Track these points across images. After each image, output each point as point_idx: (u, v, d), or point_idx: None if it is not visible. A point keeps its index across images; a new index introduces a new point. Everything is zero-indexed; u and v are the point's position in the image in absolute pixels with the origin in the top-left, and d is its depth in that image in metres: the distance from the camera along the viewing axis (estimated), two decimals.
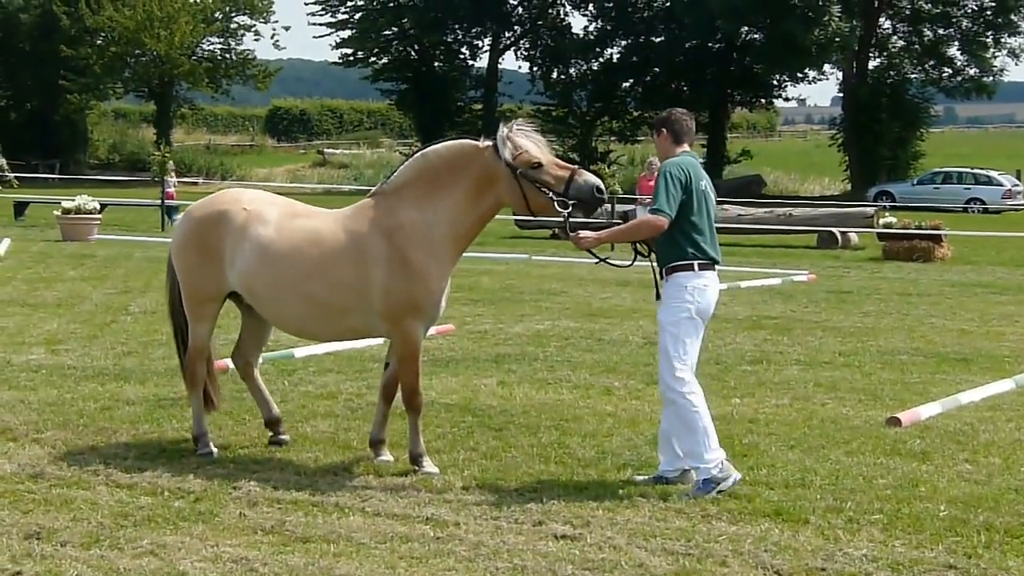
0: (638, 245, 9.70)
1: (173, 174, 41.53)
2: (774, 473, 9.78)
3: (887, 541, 8.12)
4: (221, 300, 10.31)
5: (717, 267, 9.52)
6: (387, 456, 9.99)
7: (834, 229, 35.70)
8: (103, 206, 35.08)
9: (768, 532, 8.26)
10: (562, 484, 9.43)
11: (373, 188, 10.38)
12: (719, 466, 9.14)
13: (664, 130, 9.61)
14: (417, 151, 10.11)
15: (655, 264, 9.64)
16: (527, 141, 9.53)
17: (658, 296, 9.70)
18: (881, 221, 34.65)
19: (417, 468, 9.65)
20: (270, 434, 10.62)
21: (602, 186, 9.52)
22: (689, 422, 9.24)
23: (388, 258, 9.54)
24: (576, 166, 9.62)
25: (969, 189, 58.82)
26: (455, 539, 8.02)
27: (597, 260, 9.90)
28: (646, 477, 9.53)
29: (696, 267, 9.31)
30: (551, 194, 9.37)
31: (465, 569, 7.50)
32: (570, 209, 9.37)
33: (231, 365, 13.80)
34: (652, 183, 29.01)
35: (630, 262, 10.02)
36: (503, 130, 9.55)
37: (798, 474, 9.75)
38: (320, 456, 10.13)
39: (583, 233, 9.46)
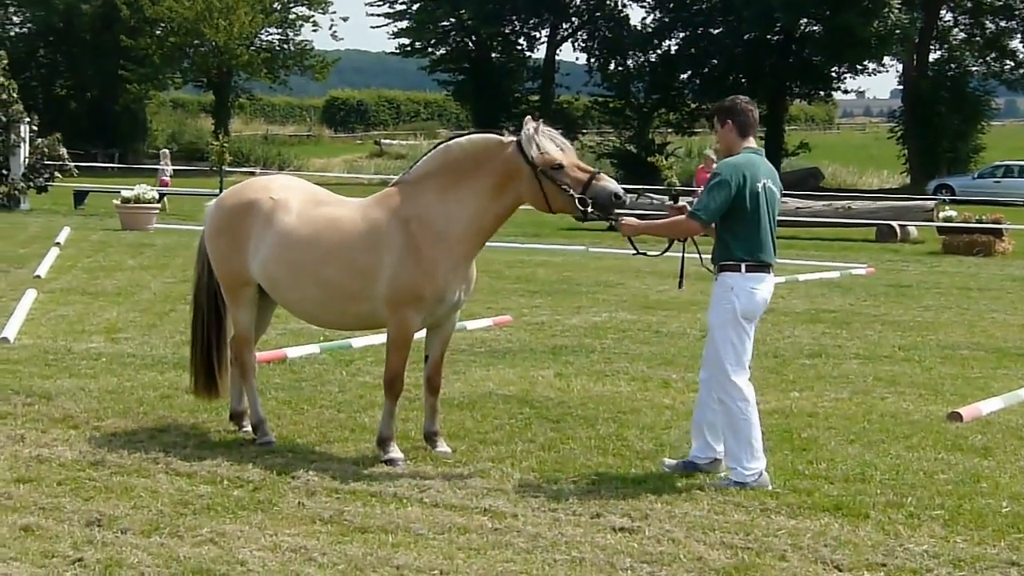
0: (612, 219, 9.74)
1: (167, 161, 41.52)
2: (834, 467, 9.72)
3: (948, 537, 8.05)
4: (253, 288, 10.39)
5: (771, 270, 9.39)
6: (444, 447, 9.98)
7: (893, 223, 35.52)
8: (162, 195, 35.28)
9: (828, 527, 8.21)
10: (620, 476, 9.41)
11: (395, 177, 10.41)
12: (756, 476, 9.06)
13: (730, 121, 9.38)
14: (441, 142, 10.17)
15: (685, 254, 9.71)
16: (550, 143, 9.51)
17: (680, 284, 10.03)
18: (941, 215, 34.45)
19: (382, 452, 9.72)
20: (237, 427, 10.72)
21: (620, 192, 9.43)
22: (737, 428, 9.14)
23: (401, 246, 9.60)
24: (598, 171, 9.61)
25: None
26: (513, 531, 8.01)
27: (634, 252, 9.96)
28: (675, 462, 9.54)
29: (743, 268, 9.18)
30: (572, 193, 9.35)
31: (523, 561, 7.48)
32: (590, 207, 9.35)
33: (288, 355, 13.92)
34: (708, 175, 28.98)
35: (661, 252, 10.12)
36: (528, 128, 9.53)
37: (858, 469, 9.68)
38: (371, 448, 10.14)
39: (628, 219, 9.51)
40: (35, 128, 39.46)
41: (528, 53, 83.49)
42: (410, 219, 9.65)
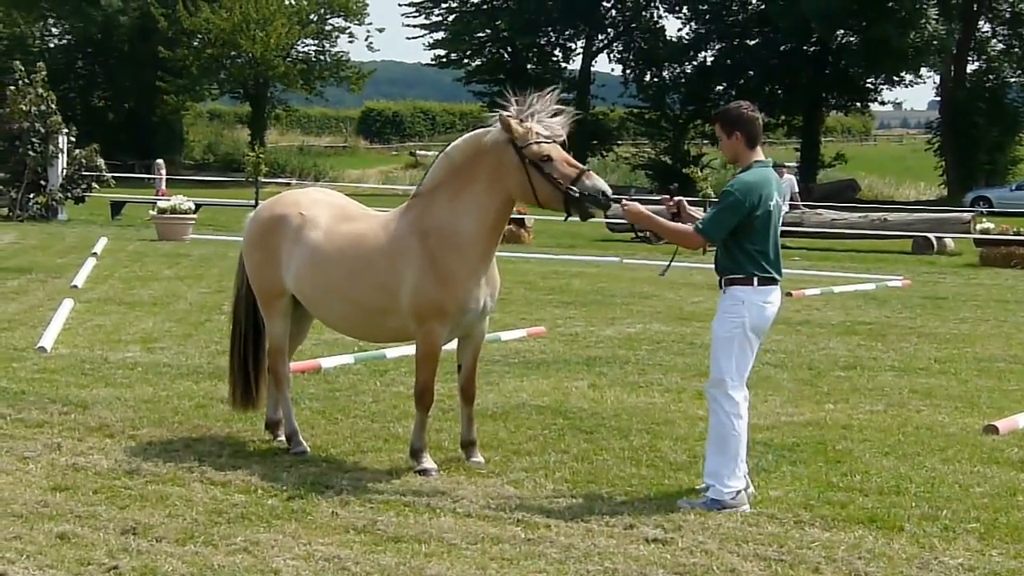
0: (641, 232, 9.71)
1: (163, 171, 41.46)
2: (868, 480, 9.68)
3: (984, 550, 8.00)
4: (289, 297, 10.42)
5: (778, 283, 9.15)
6: (478, 458, 9.98)
7: (930, 234, 35.37)
8: (198, 206, 35.44)
9: (862, 539, 8.18)
10: (653, 488, 9.39)
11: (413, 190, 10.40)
12: (734, 495, 8.81)
13: (738, 132, 9.00)
14: (441, 150, 10.09)
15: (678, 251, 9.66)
16: (542, 130, 9.35)
17: (663, 272, 10.18)
18: (978, 227, 34.30)
19: (415, 463, 9.72)
20: (270, 436, 10.76)
21: (608, 192, 9.26)
22: (725, 443, 8.91)
23: (420, 260, 9.56)
24: (587, 167, 9.41)
25: None
26: (546, 541, 8.01)
27: (663, 272, 10.17)
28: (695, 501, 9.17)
29: (755, 283, 8.93)
30: (564, 186, 9.22)
31: (556, 572, 7.48)
32: (579, 196, 9.18)
33: (323, 365, 13.96)
34: None
35: (665, 267, 10.25)
36: (512, 113, 9.41)
37: (893, 481, 9.64)
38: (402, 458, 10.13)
39: (633, 205, 9.26)
40: (73, 139, 39.69)
41: (564, 64, 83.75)
42: (427, 232, 9.61)
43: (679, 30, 77.93)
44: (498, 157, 9.47)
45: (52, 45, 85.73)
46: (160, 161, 40.21)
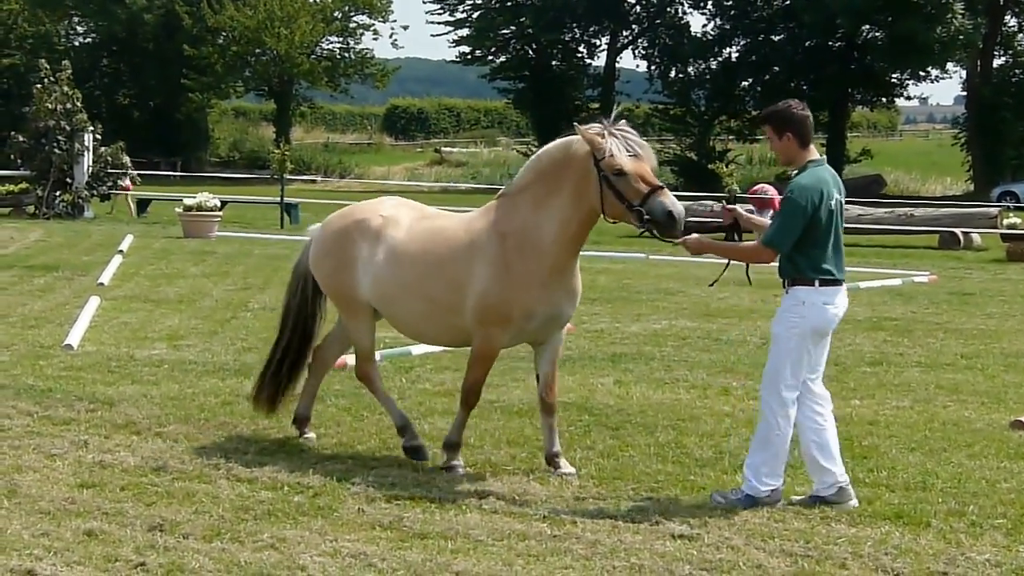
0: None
1: (129, 168, 41.21)
2: (894, 476, 9.66)
3: (1011, 546, 7.99)
4: (365, 303, 10.24)
5: (843, 284, 8.99)
6: (567, 468, 9.68)
7: (956, 230, 35.25)
8: (224, 203, 35.50)
9: (888, 535, 8.17)
10: (679, 484, 9.39)
11: (500, 189, 10.27)
12: (769, 493, 8.76)
13: (790, 133, 8.87)
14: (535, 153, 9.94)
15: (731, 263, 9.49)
16: (619, 145, 9.16)
17: (713, 283, 10.16)
18: (1005, 222, 34.16)
19: (445, 457, 9.69)
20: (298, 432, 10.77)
21: (678, 213, 8.95)
22: (769, 442, 8.82)
23: (495, 260, 9.44)
24: (662, 186, 9.11)
25: None
26: (572, 537, 8.02)
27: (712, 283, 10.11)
28: (802, 498, 9.02)
29: (816, 283, 8.80)
30: (628, 204, 9.04)
31: (582, 567, 7.48)
32: (647, 220, 8.99)
33: (349, 362, 13.96)
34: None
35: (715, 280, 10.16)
36: (594, 126, 9.26)
37: (919, 477, 9.62)
38: (437, 453, 10.11)
39: (694, 237, 9.15)
40: (98, 137, 39.75)
41: (588, 60, 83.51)
42: (507, 234, 9.47)
43: (704, 26, 77.99)
44: (583, 167, 9.27)
45: (77, 43, 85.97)
46: (127, 159, 39.83)
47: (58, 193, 38.64)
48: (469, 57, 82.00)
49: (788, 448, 8.93)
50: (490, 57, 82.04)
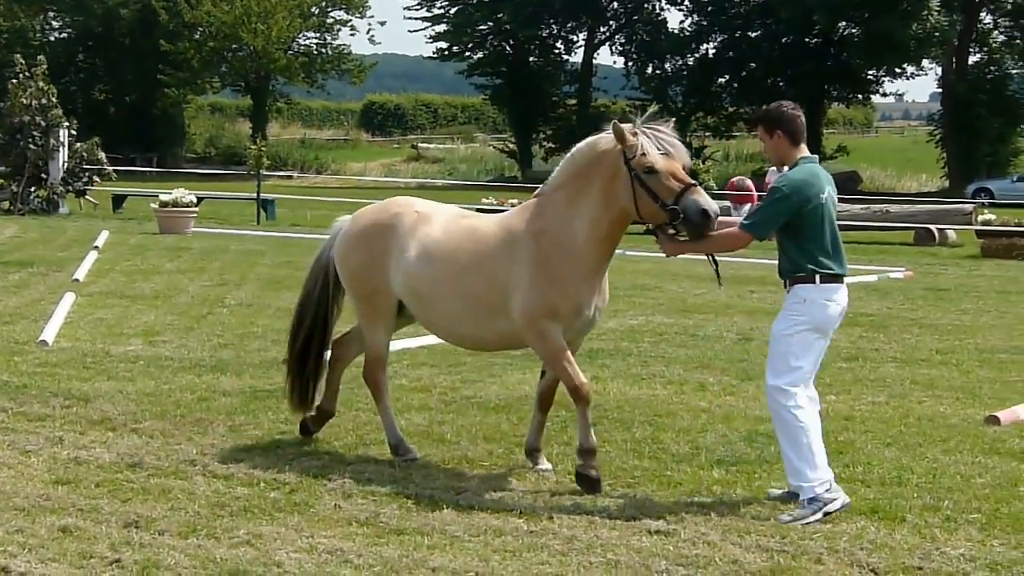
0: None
1: (105, 164, 40.88)
2: (870, 471, 9.68)
3: (985, 541, 8.01)
4: (391, 306, 10.08)
5: (844, 280, 8.89)
6: (545, 464, 9.66)
7: (931, 226, 35.37)
8: (200, 199, 35.43)
9: (864, 530, 8.18)
10: (656, 479, 9.39)
11: (537, 188, 9.99)
12: (824, 485, 8.53)
13: (779, 131, 8.82)
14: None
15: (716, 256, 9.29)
16: (651, 143, 8.99)
17: (719, 284, 9.76)
18: (980, 218, 34.31)
19: (583, 463, 9.17)
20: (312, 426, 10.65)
21: (713, 211, 8.78)
22: (793, 436, 8.63)
23: (532, 260, 9.24)
24: (696, 183, 8.95)
25: None
26: (549, 533, 8.01)
27: (720, 284, 9.80)
28: (780, 492, 8.99)
29: (817, 280, 8.68)
30: (661, 204, 8.85)
31: (558, 563, 7.48)
32: (679, 220, 8.81)
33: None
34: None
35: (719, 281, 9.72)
36: (628, 125, 9.11)
37: (894, 472, 9.65)
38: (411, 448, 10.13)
39: (667, 241, 9.04)
40: (74, 132, 39.64)
41: (565, 57, 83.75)
42: (541, 233, 9.30)
43: (681, 22, 78.01)
44: (612, 165, 9.11)
45: (53, 38, 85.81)
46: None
47: (33, 189, 38.53)
48: (446, 53, 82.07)
49: (819, 437, 8.68)
50: (467, 53, 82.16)
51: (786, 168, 8.94)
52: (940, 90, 72.94)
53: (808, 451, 8.58)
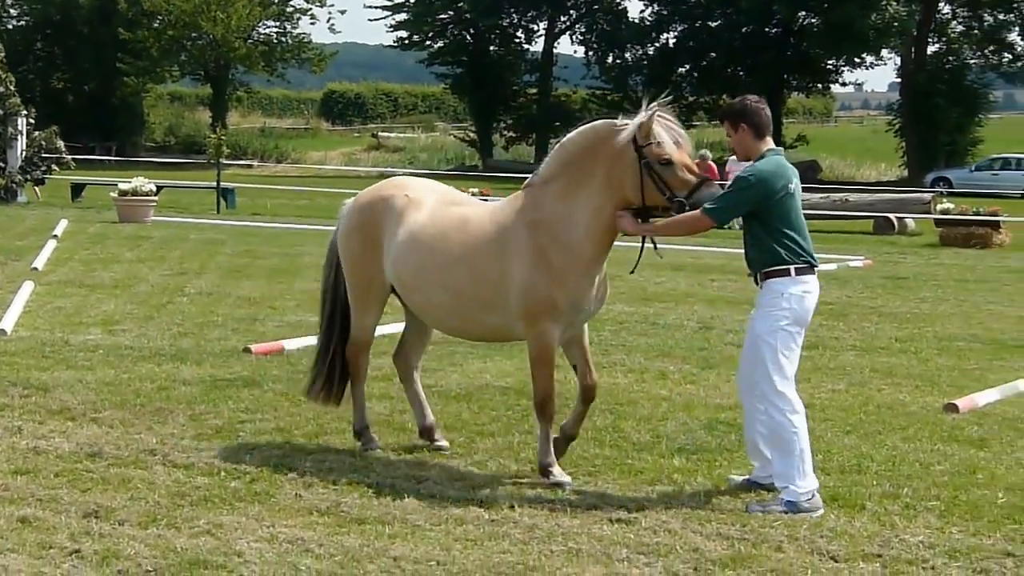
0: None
1: (64, 153, 40.63)
2: (830, 459, 9.73)
3: (944, 528, 8.06)
4: (384, 291, 9.95)
5: (816, 270, 8.95)
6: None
7: (891, 215, 35.54)
8: (159, 188, 35.25)
9: (824, 518, 8.23)
10: (617, 468, 9.41)
11: (527, 179, 9.73)
12: (809, 495, 8.48)
13: (744, 124, 8.82)
14: (558, 141, 9.58)
15: (645, 244, 9.25)
16: (666, 134, 8.85)
17: (632, 271, 9.74)
18: (938, 207, 34.48)
19: (545, 479, 9.03)
20: (429, 442, 10.10)
21: None
22: (785, 442, 8.58)
23: (529, 253, 9.05)
24: (709, 178, 8.95)
25: None
26: (510, 522, 8.02)
27: (655, 247, 9.36)
28: (740, 479, 9.03)
29: (793, 272, 8.70)
30: (671, 195, 8.71)
31: (520, 552, 7.49)
32: (690, 207, 8.67)
33: (286, 347, 13.93)
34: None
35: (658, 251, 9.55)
36: (644, 114, 8.90)
37: (854, 460, 9.70)
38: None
39: (627, 219, 8.93)
40: (32, 121, 39.37)
41: (526, 46, 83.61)
42: (535, 225, 9.10)
43: (641, 11, 78.10)
44: (617, 153, 8.93)
45: (11, 26, 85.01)
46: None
47: None
48: (407, 42, 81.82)
49: (808, 443, 8.66)
50: (428, 42, 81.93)
51: (751, 161, 8.94)
52: (899, 80, 73.25)
53: (799, 459, 8.54)
